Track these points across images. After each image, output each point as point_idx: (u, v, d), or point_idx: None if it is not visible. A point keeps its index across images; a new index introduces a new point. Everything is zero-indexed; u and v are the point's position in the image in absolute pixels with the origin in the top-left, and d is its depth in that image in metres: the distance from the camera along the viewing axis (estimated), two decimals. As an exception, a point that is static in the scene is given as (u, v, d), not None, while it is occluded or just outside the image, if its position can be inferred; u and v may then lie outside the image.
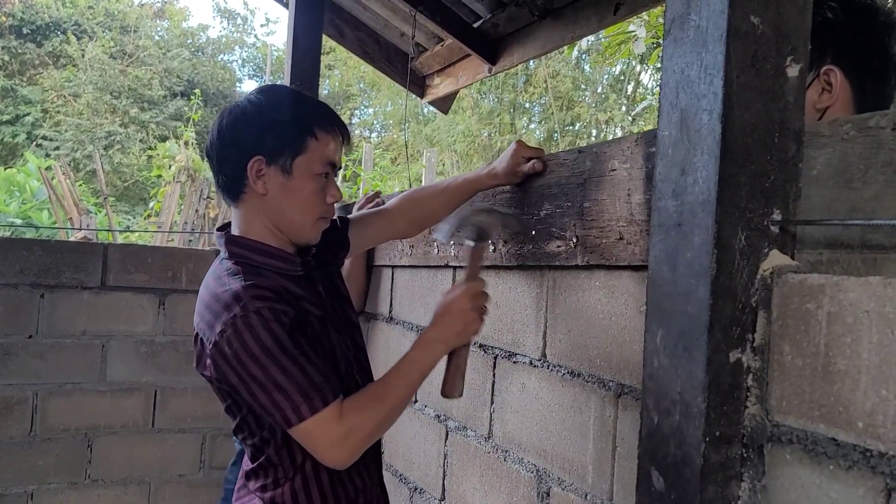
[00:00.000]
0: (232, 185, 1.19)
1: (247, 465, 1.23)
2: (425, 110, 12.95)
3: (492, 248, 1.39)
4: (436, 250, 1.69)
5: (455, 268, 1.66)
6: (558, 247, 1.21)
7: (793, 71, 0.82)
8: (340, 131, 1.21)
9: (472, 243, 1.21)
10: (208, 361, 1.08)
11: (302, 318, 1.13)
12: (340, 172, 2.45)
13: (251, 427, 1.16)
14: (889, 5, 2.27)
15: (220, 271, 1.16)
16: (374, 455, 1.29)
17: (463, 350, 1.20)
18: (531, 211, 1.28)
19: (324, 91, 16.16)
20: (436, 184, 1.46)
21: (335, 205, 1.25)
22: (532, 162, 1.27)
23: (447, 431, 1.66)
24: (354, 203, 2.05)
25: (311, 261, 1.28)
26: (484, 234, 1.22)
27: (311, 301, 1.20)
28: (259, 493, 1.19)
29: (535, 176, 1.28)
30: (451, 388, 1.20)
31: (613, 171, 1.07)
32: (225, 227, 1.26)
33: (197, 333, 1.14)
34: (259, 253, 1.18)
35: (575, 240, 1.17)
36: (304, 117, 1.17)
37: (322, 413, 1.03)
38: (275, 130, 1.15)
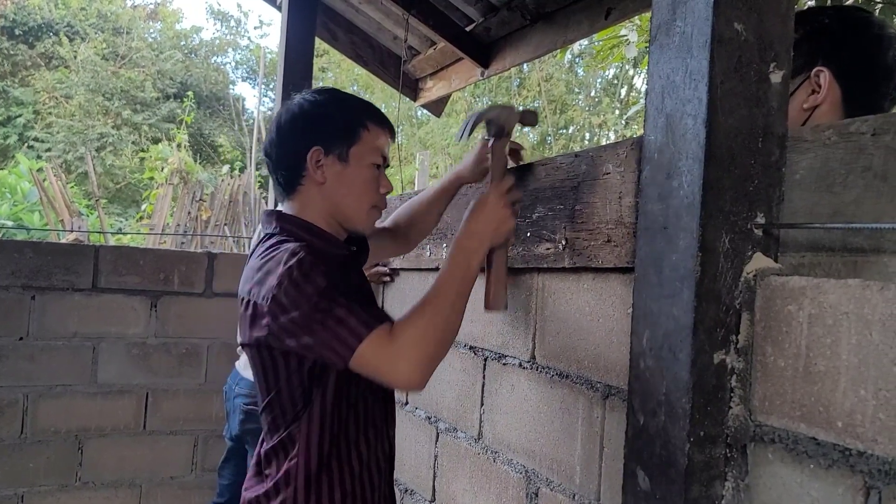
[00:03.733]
0: (290, 177, 1.24)
1: (263, 447, 1.23)
2: (418, 113, 12.97)
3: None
4: (428, 253, 1.70)
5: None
6: (547, 249, 1.22)
7: (776, 77, 0.84)
8: (388, 128, 1.29)
9: (491, 140, 1.20)
10: (264, 321, 1.09)
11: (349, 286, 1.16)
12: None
13: (286, 400, 1.16)
14: (879, 11, 2.30)
15: (269, 242, 1.19)
16: (387, 456, 1.29)
17: (500, 257, 1.17)
18: (525, 214, 1.30)
19: (317, 93, 16.13)
20: (417, 199, 1.50)
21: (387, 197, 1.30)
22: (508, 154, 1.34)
23: (437, 433, 1.67)
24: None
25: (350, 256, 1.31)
26: (502, 129, 1.20)
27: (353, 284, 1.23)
28: (273, 473, 1.19)
29: (532, 179, 1.29)
30: (494, 300, 1.17)
31: (607, 174, 1.08)
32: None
33: (247, 300, 1.15)
34: (309, 232, 1.22)
35: (564, 242, 1.18)
36: (357, 111, 1.26)
37: (371, 335, 1.03)
38: (331, 122, 1.23)
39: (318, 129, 1.22)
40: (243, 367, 2.25)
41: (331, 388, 1.16)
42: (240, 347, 2.33)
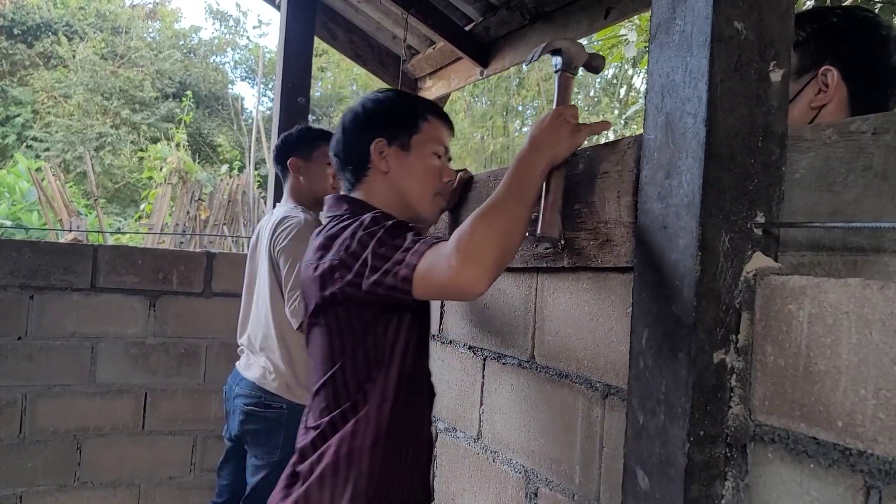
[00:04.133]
0: (356, 170, 1.31)
1: (307, 435, 1.23)
2: (418, 113, 12.93)
3: None
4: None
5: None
6: (546, 248, 1.21)
7: (776, 76, 0.83)
8: (448, 123, 1.34)
9: (558, 70, 1.19)
10: (337, 274, 1.11)
11: None
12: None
13: (351, 373, 1.17)
14: (879, 11, 2.30)
15: (338, 218, 1.23)
16: (429, 440, 1.31)
17: (557, 181, 1.13)
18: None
19: (316, 93, 16.12)
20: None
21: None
22: (456, 178, 1.44)
23: (437, 433, 1.66)
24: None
25: None
26: (570, 62, 1.19)
27: None
28: (331, 434, 1.19)
29: None
30: (548, 225, 1.13)
31: (606, 173, 1.07)
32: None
33: (315, 265, 1.17)
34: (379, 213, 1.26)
35: (563, 242, 1.18)
36: (418, 104, 1.34)
37: (430, 249, 1.03)
38: (392, 114, 1.30)
39: (381, 122, 1.30)
40: (244, 367, 2.24)
41: (397, 361, 1.18)
42: (240, 347, 2.33)
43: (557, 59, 1.19)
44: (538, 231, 1.14)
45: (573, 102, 1.18)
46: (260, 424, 2.14)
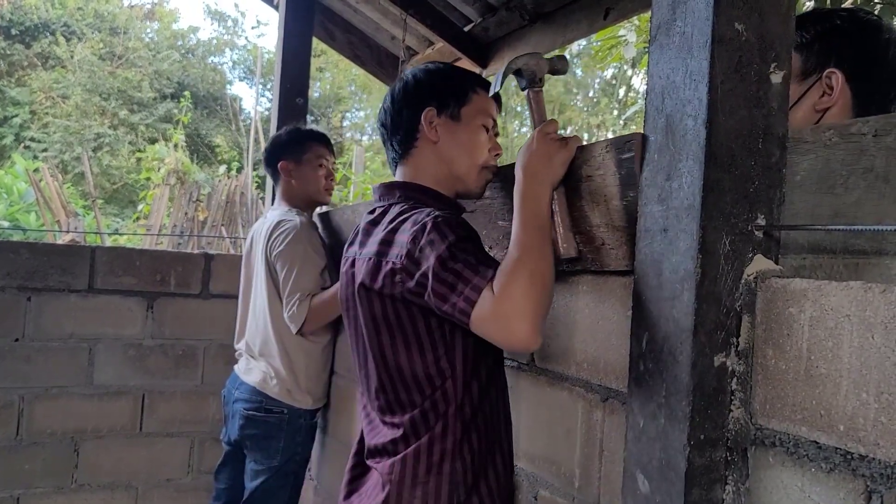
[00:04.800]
0: (405, 139, 1.29)
1: (384, 434, 1.20)
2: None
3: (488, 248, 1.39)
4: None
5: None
6: (566, 267, 1.20)
7: (776, 77, 0.83)
8: (496, 98, 1.33)
9: (524, 88, 1.20)
10: (398, 277, 1.09)
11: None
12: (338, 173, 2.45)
13: (419, 364, 1.14)
14: (879, 11, 2.30)
15: (396, 209, 1.20)
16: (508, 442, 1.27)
17: (560, 199, 1.13)
18: (511, 217, 1.28)
19: (315, 94, 16.11)
20: None
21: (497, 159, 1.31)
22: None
23: (436, 435, 1.66)
24: (345, 205, 2.06)
25: None
26: (534, 77, 1.19)
27: None
28: (414, 436, 1.16)
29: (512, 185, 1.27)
30: (563, 246, 1.13)
31: (589, 177, 1.06)
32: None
33: (379, 262, 1.14)
34: (431, 196, 1.25)
35: (580, 253, 1.16)
36: (467, 76, 1.33)
37: (480, 296, 1.01)
38: (442, 84, 1.29)
39: (431, 91, 1.28)
40: (243, 371, 2.23)
41: (472, 348, 1.15)
42: (238, 352, 2.32)
43: (521, 80, 1.19)
44: (557, 255, 1.13)
45: (550, 116, 1.17)
46: (260, 429, 2.13)
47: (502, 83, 1.18)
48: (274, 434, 2.12)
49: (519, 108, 14.24)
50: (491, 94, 1.23)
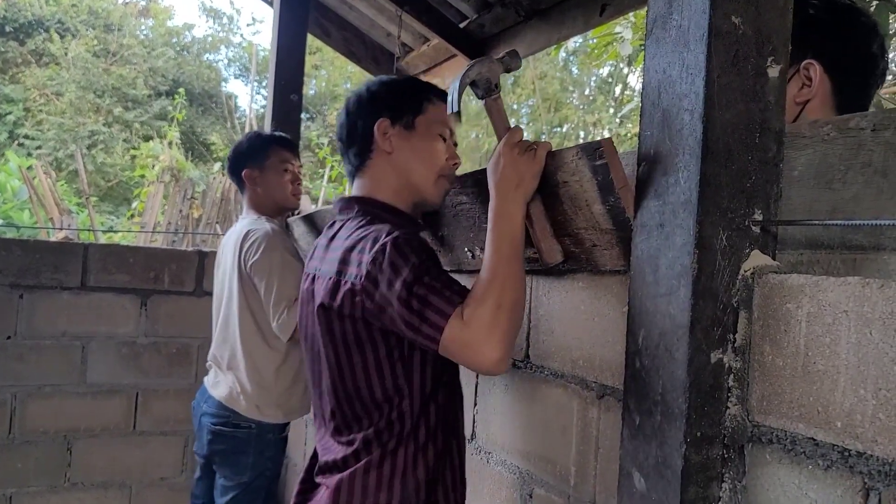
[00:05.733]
0: (361, 151, 1.29)
1: (336, 451, 1.20)
2: (412, 111, 12.90)
3: (470, 255, 1.38)
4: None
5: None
6: (534, 253, 1.19)
7: (773, 71, 0.82)
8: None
9: (482, 100, 1.17)
10: (358, 299, 1.08)
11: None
12: (320, 173, 2.42)
13: (377, 382, 1.14)
14: (874, 10, 2.30)
15: (353, 224, 1.20)
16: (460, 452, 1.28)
17: (536, 208, 1.12)
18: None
19: (310, 91, 16.04)
20: None
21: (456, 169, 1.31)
22: None
23: (431, 433, 1.65)
24: (326, 207, 2.03)
25: None
26: (489, 85, 1.16)
27: None
28: (366, 453, 1.15)
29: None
30: (548, 253, 1.12)
31: (565, 182, 1.03)
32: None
33: (338, 280, 1.13)
34: (390, 212, 1.24)
35: (565, 259, 1.15)
36: (422, 86, 1.33)
37: (451, 320, 1.01)
38: (396, 95, 1.29)
39: (385, 102, 1.28)
40: (211, 384, 2.16)
41: (430, 368, 1.15)
42: (209, 363, 2.23)
43: (476, 90, 1.17)
44: (542, 262, 1.13)
45: (512, 123, 1.15)
46: (228, 445, 2.06)
47: (459, 99, 1.15)
48: (243, 449, 2.06)
49: (515, 107, 14.23)
50: (449, 112, 1.17)
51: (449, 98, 1.17)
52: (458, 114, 1.25)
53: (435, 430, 1.17)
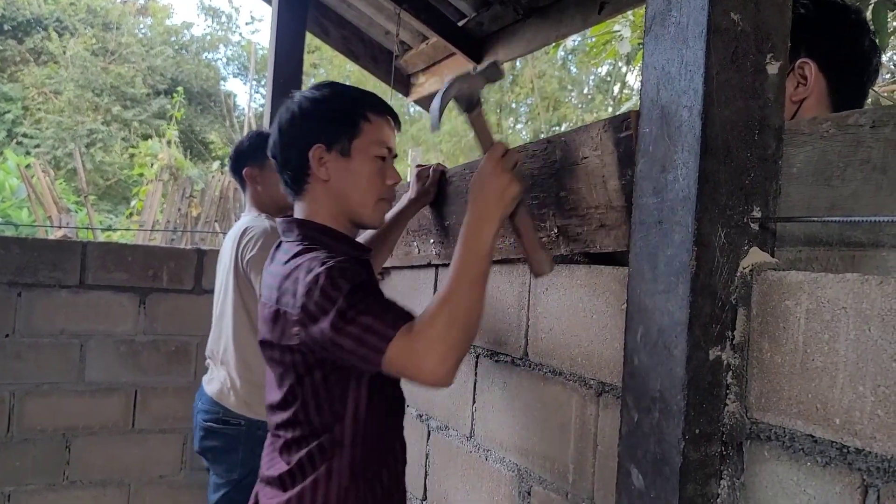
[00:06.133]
0: (296, 177, 1.25)
1: (278, 467, 1.22)
2: (411, 110, 12.92)
3: None
4: (416, 250, 1.68)
5: (437, 266, 1.65)
6: (540, 237, 1.19)
7: (773, 68, 0.82)
8: (392, 117, 1.28)
9: (465, 115, 1.16)
10: (294, 329, 1.09)
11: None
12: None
13: (314, 410, 1.16)
14: (871, 9, 2.30)
15: (292, 248, 1.19)
16: (404, 458, 1.31)
17: (523, 221, 1.12)
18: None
19: (309, 90, 16.03)
20: (381, 230, 1.48)
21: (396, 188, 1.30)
22: (430, 173, 1.49)
23: (429, 431, 1.65)
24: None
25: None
26: (471, 100, 1.15)
27: None
28: (302, 476, 1.18)
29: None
30: (537, 266, 1.12)
31: (585, 158, 1.05)
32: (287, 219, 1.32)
33: (275, 308, 1.15)
34: (329, 236, 1.23)
35: (556, 230, 1.16)
36: (357, 104, 1.25)
37: (396, 338, 1.02)
38: (330, 118, 1.23)
39: (318, 126, 1.22)
40: (207, 381, 2.18)
41: (364, 393, 1.17)
42: (208, 360, 2.28)
43: (458, 106, 1.15)
44: (533, 273, 1.14)
45: (496, 136, 1.14)
46: (218, 441, 2.08)
47: (440, 117, 1.12)
48: (233, 446, 2.07)
49: (514, 105, 14.23)
50: (432, 131, 1.17)
51: (431, 115, 1.15)
52: (396, 119, 1.29)
53: (370, 455, 1.19)
